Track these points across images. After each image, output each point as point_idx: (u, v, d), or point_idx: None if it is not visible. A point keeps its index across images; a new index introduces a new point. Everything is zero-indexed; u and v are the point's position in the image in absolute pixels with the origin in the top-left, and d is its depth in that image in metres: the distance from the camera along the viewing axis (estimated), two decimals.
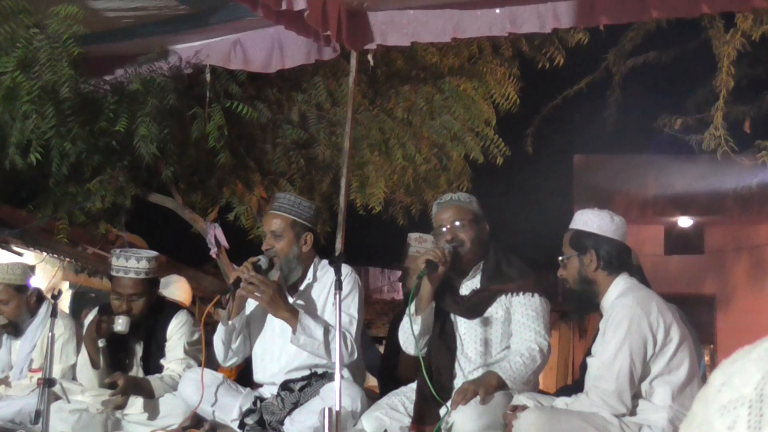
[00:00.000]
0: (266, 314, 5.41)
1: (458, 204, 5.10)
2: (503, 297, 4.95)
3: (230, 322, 5.26)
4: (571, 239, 4.64)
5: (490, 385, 4.67)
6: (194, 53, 7.38)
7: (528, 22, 6.18)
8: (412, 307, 4.95)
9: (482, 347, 4.94)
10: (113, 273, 5.85)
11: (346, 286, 5.23)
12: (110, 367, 5.78)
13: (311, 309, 5.26)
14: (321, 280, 5.36)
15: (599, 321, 4.55)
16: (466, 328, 4.99)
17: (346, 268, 5.33)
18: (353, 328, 5.21)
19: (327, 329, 5.08)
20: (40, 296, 6.63)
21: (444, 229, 5.05)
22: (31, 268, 6.81)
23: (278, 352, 5.32)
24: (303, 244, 5.33)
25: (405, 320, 5.01)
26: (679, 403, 4.27)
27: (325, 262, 5.40)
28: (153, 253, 5.94)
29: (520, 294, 4.94)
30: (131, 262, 5.79)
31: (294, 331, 5.04)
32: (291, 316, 5.06)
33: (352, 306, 5.26)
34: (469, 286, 5.07)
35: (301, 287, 5.37)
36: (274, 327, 5.36)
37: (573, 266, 4.62)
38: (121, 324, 5.67)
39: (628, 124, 14.67)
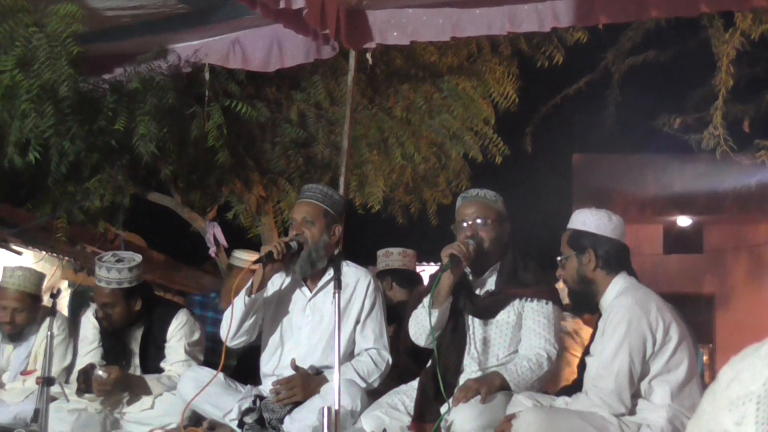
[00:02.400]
0: (283, 306, 5.43)
1: (483, 201, 5.10)
2: (517, 302, 4.95)
3: (253, 296, 5.26)
4: (570, 239, 4.65)
5: (492, 385, 4.67)
6: (193, 52, 7.37)
7: (527, 21, 6.18)
8: (426, 300, 4.95)
9: (490, 349, 4.94)
10: (95, 282, 5.88)
11: (371, 297, 5.35)
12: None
13: (327, 306, 5.28)
14: (343, 281, 5.34)
15: (597, 320, 4.56)
16: (476, 328, 4.99)
17: (368, 276, 5.38)
18: (384, 340, 5.32)
19: (359, 373, 5.16)
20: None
21: (465, 224, 5.05)
22: (43, 279, 6.74)
23: (291, 346, 5.34)
24: (332, 235, 5.37)
25: (419, 311, 5.01)
26: (678, 403, 4.28)
27: (344, 261, 5.43)
28: (130, 263, 5.84)
29: (534, 300, 4.94)
30: (102, 272, 5.76)
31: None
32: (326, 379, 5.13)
33: (381, 319, 5.36)
34: (484, 286, 5.07)
35: (321, 282, 5.39)
36: (292, 322, 5.38)
37: (571, 266, 4.63)
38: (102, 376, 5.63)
39: (628, 123, 14.66)
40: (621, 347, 4.25)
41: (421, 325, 5.01)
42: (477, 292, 5.05)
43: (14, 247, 11.21)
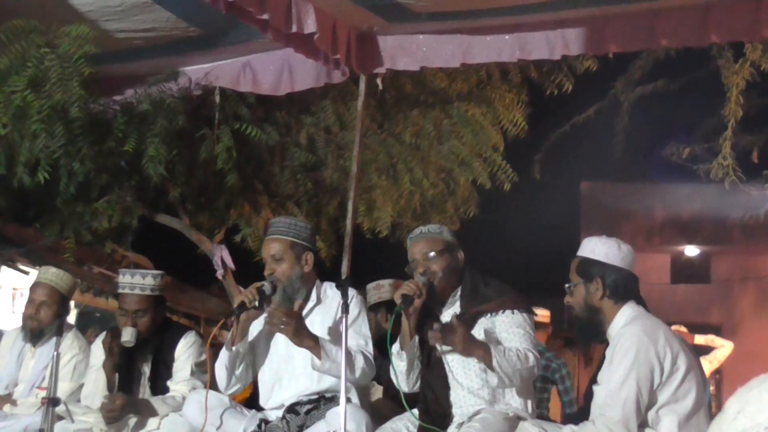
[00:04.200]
0: (270, 340, 5.38)
1: (428, 236, 5.12)
2: (484, 318, 4.89)
3: (234, 348, 5.23)
4: (578, 267, 4.64)
5: (469, 345, 4.60)
6: (204, 75, 7.40)
7: (537, 48, 6.21)
8: (395, 347, 4.99)
9: (471, 371, 4.90)
10: (120, 290, 5.87)
11: (354, 308, 5.25)
12: (118, 387, 5.76)
13: (317, 331, 5.24)
14: (325, 302, 5.35)
15: (605, 348, 4.54)
16: (452, 355, 4.92)
17: (351, 291, 5.34)
18: (370, 347, 5.24)
19: (347, 351, 5.07)
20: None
21: (416, 263, 5.05)
22: (75, 287, 6.73)
23: (288, 379, 5.31)
24: (304, 264, 5.32)
25: (392, 360, 5.01)
26: None
27: (327, 284, 5.43)
28: (158, 272, 5.96)
29: (500, 313, 4.89)
30: (137, 279, 5.81)
31: (319, 358, 5.00)
32: (314, 344, 5.04)
33: (363, 327, 5.28)
34: (449, 313, 5.01)
35: (305, 310, 5.34)
36: (280, 353, 5.34)
37: (579, 294, 4.61)
38: (127, 335, 5.66)
39: (636, 152, 14.69)
40: (628, 376, 4.24)
41: (399, 371, 5.01)
42: (445, 320, 4.97)
43: (21, 267, 11.22)
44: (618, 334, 4.41)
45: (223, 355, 5.28)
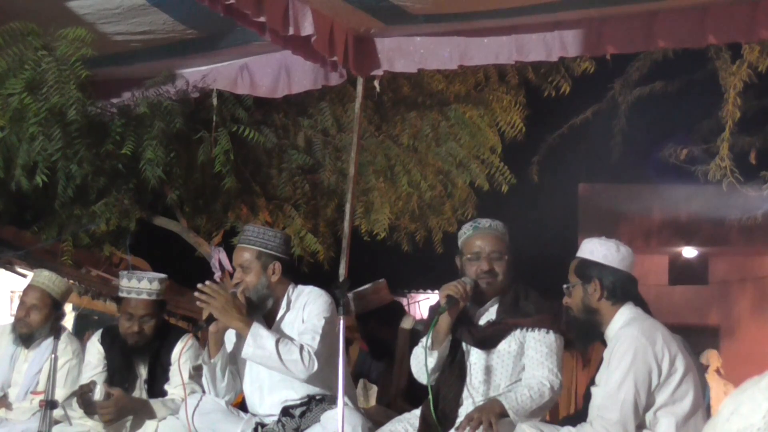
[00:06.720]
0: None
1: (496, 234, 4.99)
2: (518, 332, 4.85)
3: (212, 361, 5.21)
4: (576, 267, 4.63)
5: (494, 413, 4.60)
6: (201, 77, 7.40)
7: (535, 50, 6.21)
8: (429, 341, 4.90)
9: (491, 379, 4.86)
10: (123, 294, 5.80)
11: (318, 306, 5.21)
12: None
13: (293, 334, 5.19)
14: (294, 306, 5.31)
15: (603, 350, 4.54)
16: (476, 358, 4.90)
17: (321, 290, 5.31)
18: (315, 343, 5.04)
19: (280, 340, 4.96)
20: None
21: (479, 258, 4.93)
22: (69, 292, 6.69)
23: (268, 388, 5.27)
24: (271, 274, 5.24)
25: (419, 351, 4.95)
26: None
27: (300, 288, 5.35)
28: (163, 276, 5.92)
29: (535, 330, 4.86)
30: (143, 284, 5.76)
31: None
32: (244, 326, 4.97)
33: (317, 323, 5.13)
34: (485, 316, 4.97)
35: (278, 315, 5.29)
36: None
37: (577, 295, 4.61)
38: (96, 394, 5.60)
39: (634, 153, 14.68)
40: (626, 377, 4.23)
41: (423, 365, 4.92)
42: (477, 322, 4.96)
43: (19, 270, 11.21)
44: (616, 335, 4.41)
45: (205, 369, 5.27)
